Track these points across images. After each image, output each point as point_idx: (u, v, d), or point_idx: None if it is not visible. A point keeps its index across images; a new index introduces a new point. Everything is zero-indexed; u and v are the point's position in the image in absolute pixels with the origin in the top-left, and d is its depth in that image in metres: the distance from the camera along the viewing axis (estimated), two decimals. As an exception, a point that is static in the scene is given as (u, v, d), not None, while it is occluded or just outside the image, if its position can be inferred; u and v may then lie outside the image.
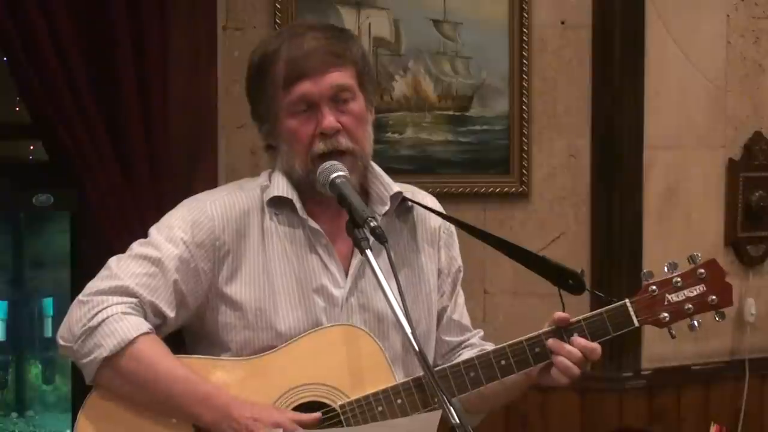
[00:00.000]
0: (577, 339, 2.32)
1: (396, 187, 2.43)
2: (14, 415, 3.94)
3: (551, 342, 2.32)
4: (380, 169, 2.44)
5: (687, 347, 4.00)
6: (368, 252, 2.14)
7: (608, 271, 3.90)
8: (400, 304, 2.10)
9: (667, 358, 4.00)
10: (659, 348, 3.96)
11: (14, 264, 4.01)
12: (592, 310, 2.37)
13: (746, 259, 4.14)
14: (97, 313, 2.25)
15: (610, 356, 3.90)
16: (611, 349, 3.90)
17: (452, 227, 2.52)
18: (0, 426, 3.86)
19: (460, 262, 2.55)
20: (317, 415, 2.23)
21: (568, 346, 2.31)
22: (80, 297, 2.30)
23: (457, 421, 2.00)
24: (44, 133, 3.47)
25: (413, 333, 2.07)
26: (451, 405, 2.01)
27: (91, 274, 2.34)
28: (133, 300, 2.28)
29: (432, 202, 2.51)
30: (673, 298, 2.36)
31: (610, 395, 3.96)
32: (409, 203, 2.45)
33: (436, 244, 2.50)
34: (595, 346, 2.33)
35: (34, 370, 4.00)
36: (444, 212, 2.49)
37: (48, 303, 3.90)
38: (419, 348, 2.07)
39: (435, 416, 2.07)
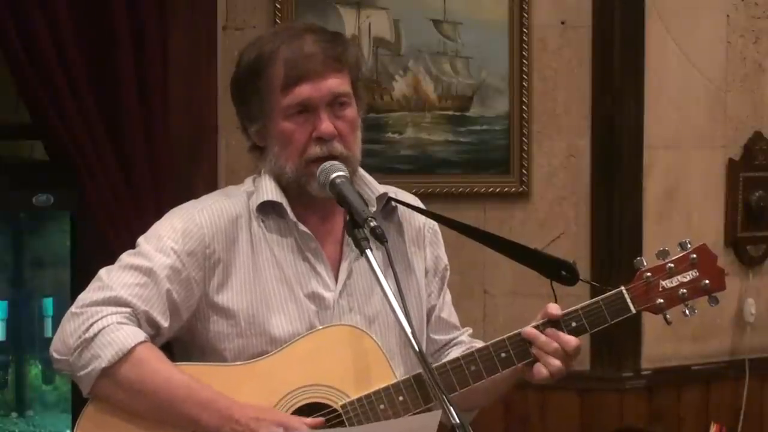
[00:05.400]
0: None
1: (381, 188, 2.42)
2: (14, 415, 3.93)
3: (549, 331, 2.32)
4: (364, 171, 2.43)
5: (687, 347, 4.00)
6: (368, 252, 2.14)
7: (608, 271, 3.89)
8: (401, 303, 2.10)
9: (667, 358, 3.99)
10: (659, 348, 3.95)
11: (14, 264, 4.01)
12: (590, 302, 2.38)
13: (746, 259, 4.13)
14: (92, 324, 2.23)
15: (610, 356, 3.90)
16: (611, 349, 3.90)
17: (436, 226, 2.51)
18: (0, 426, 3.85)
19: (446, 260, 2.54)
20: (320, 420, 2.23)
21: (564, 336, 2.32)
22: (72, 309, 2.27)
23: (457, 421, 2.00)
24: (44, 133, 3.48)
25: (413, 333, 2.07)
26: (451, 405, 2.01)
27: (91, 275, 2.33)
28: (127, 310, 2.25)
29: (414, 201, 2.50)
30: (667, 284, 2.38)
31: (610, 395, 3.95)
32: (393, 204, 2.45)
33: (421, 243, 2.49)
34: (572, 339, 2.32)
35: (34, 370, 4.00)
36: (426, 209, 2.48)
37: (48, 303, 3.89)
38: (420, 348, 2.07)
39: (435, 416, 2.07)
